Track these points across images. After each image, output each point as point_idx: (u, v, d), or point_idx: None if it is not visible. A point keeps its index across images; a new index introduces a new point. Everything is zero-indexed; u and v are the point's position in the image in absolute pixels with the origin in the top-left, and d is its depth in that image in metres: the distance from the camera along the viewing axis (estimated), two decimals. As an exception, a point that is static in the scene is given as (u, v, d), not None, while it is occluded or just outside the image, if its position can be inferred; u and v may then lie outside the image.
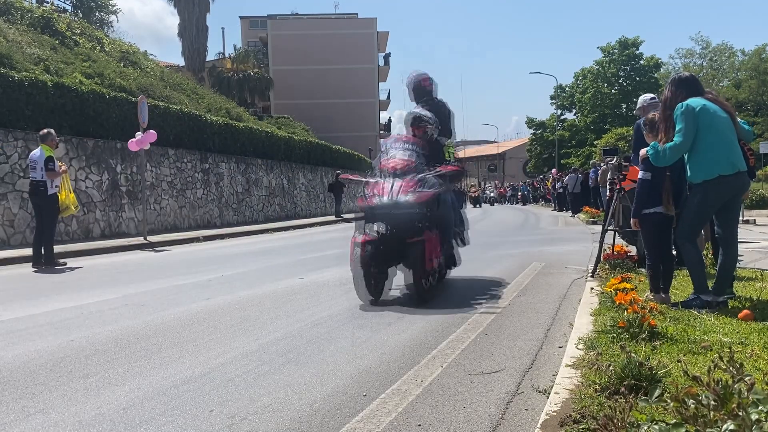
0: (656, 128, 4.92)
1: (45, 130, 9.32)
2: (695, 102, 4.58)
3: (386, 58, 54.58)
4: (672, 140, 4.61)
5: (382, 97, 53.98)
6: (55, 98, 13.06)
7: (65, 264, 9.25)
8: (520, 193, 47.26)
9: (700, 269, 4.75)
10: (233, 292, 6.54)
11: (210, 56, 41.40)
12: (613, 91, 48.19)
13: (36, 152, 9.21)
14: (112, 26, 33.01)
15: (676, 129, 4.56)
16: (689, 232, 4.76)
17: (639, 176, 5.03)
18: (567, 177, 26.35)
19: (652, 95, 7.04)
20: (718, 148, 4.53)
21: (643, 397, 2.37)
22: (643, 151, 4.87)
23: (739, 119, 4.95)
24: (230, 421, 2.85)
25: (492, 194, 47.11)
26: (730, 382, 1.86)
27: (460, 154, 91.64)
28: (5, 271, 8.75)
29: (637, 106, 7.13)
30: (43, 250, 9.14)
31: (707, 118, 4.54)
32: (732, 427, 1.73)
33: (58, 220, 12.63)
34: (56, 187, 9.20)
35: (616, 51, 47.93)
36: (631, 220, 5.16)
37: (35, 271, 8.66)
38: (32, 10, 19.18)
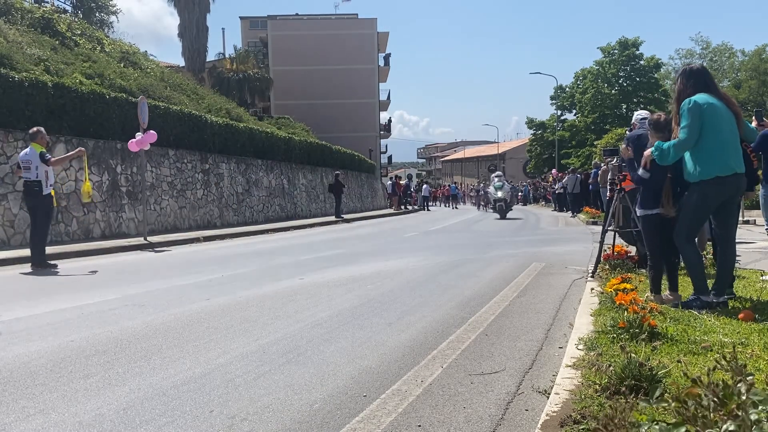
0: (661, 128, 4.89)
1: (35, 129, 9.06)
2: (702, 98, 4.53)
3: (386, 58, 54.54)
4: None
5: (382, 97, 53.99)
6: (56, 99, 13.05)
7: (56, 266, 8.90)
8: (520, 193, 47.12)
9: (699, 270, 4.74)
10: (233, 292, 6.54)
11: (210, 56, 41.37)
12: (613, 91, 48.17)
13: (26, 151, 8.94)
14: (112, 27, 32.96)
15: (681, 125, 4.51)
16: (687, 233, 4.75)
17: (639, 173, 5.01)
18: (566, 178, 26.29)
19: (645, 114, 7.19)
20: (718, 148, 4.51)
21: (643, 398, 2.37)
22: (647, 152, 4.85)
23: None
24: (230, 421, 2.85)
25: (500, 194, 24.31)
26: (730, 382, 1.86)
27: (460, 154, 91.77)
28: (5, 271, 8.75)
29: (632, 121, 7.46)
30: (31, 251, 8.87)
31: (712, 117, 4.49)
32: (732, 427, 1.73)
33: (58, 220, 12.65)
34: (50, 186, 8.96)
35: (616, 51, 47.91)
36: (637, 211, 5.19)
37: (34, 272, 8.64)
38: (32, 10, 19.17)
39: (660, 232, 4.96)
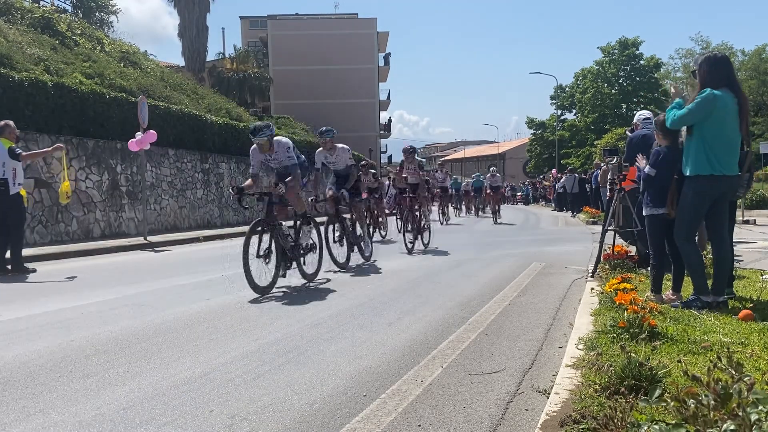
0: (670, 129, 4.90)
1: (2, 123, 8.46)
2: (720, 95, 4.51)
3: (386, 58, 54.52)
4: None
5: (382, 97, 53.97)
6: (55, 98, 13.06)
7: (35, 270, 8.33)
8: (519, 194, 47.10)
9: (699, 270, 4.74)
10: (233, 292, 6.54)
11: (210, 56, 41.38)
12: (613, 91, 48.19)
13: None
14: (112, 26, 32.97)
15: (690, 105, 4.54)
16: (686, 232, 4.75)
17: (645, 170, 5.00)
18: (563, 178, 26.29)
19: (648, 115, 7.22)
20: (717, 147, 4.53)
21: (643, 397, 2.37)
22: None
23: None
24: (230, 421, 2.85)
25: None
26: (730, 382, 1.86)
27: (460, 154, 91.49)
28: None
29: (633, 121, 7.49)
30: (9, 255, 8.18)
31: (720, 116, 4.51)
32: (732, 427, 1.73)
33: (58, 220, 12.64)
34: (19, 185, 8.32)
35: (616, 51, 47.94)
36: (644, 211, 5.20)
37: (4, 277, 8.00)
38: (32, 10, 19.17)
39: (665, 232, 4.96)
